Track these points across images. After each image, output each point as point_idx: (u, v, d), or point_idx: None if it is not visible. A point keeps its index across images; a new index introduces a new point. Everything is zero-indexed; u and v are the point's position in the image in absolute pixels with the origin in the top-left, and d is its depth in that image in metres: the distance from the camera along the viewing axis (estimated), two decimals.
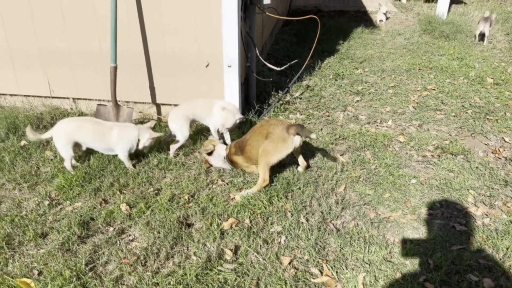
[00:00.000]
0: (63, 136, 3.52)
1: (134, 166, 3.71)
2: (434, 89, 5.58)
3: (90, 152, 3.79)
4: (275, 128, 3.35)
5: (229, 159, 3.61)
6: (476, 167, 3.79)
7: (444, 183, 3.57)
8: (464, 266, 2.69)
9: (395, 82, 5.84)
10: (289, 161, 3.67)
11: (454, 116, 4.84)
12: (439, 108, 5.04)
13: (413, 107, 5.08)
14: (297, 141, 3.38)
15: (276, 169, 3.55)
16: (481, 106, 5.06)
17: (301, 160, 3.65)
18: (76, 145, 3.62)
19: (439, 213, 3.23)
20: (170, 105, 4.49)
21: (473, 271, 2.67)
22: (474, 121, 4.70)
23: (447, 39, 7.87)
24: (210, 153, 3.62)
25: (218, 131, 3.95)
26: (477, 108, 5.01)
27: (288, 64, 4.91)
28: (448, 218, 3.18)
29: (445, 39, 7.86)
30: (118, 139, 3.57)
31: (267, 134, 3.37)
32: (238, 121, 3.83)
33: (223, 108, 3.75)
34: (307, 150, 3.99)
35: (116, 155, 3.68)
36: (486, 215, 3.19)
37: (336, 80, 5.86)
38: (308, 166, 3.72)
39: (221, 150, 3.63)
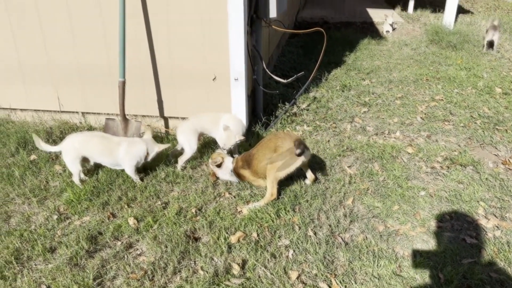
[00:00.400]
0: (71, 151, 3.56)
1: (141, 179, 3.73)
2: (442, 100, 5.55)
3: (98, 166, 3.82)
4: (284, 141, 3.34)
5: (235, 172, 3.61)
6: (486, 178, 3.75)
7: (454, 195, 3.53)
8: (475, 280, 2.65)
9: (403, 92, 5.82)
10: (296, 173, 3.65)
11: (462, 126, 4.80)
12: (447, 119, 5.00)
13: (421, 117, 5.05)
14: (306, 154, 3.37)
15: (283, 182, 3.54)
16: (490, 116, 5.02)
17: (309, 173, 3.63)
18: (84, 160, 3.65)
19: (449, 226, 3.18)
20: (178, 118, 4.52)
21: (484, 285, 2.62)
22: (483, 131, 4.66)
23: (455, 49, 7.85)
24: (218, 166, 3.62)
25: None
26: (486, 118, 4.97)
27: (295, 76, 4.93)
28: (458, 230, 3.13)
29: (452, 49, 7.84)
30: (126, 154, 3.59)
31: (275, 147, 3.36)
32: (238, 142, 3.84)
33: (225, 128, 3.76)
34: (314, 163, 3.98)
35: (124, 170, 3.70)
36: (497, 227, 3.14)
37: (343, 91, 5.86)
38: (316, 179, 3.70)
39: (228, 163, 3.63)
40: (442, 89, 5.89)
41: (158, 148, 3.71)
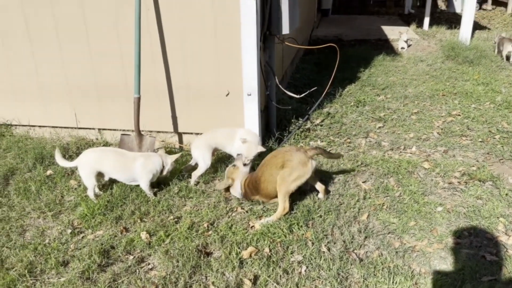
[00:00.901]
0: (87, 166, 3.61)
1: (155, 194, 3.74)
2: (459, 115, 5.46)
3: (113, 181, 3.85)
4: (293, 154, 3.33)
5: (245, 197, 3.59)
6: (506, 194, 3.64)
7: (472, 211, 3.43)
8: None
9: (418, 108, 5.76)
10: (309, 188, 3.61)
11: (481, 141, 4.70)
12: (464, 134, 4.91)
13: (438, 133, 4.97)
14: (314, 164, 3.36)
15: (296, 197, 3.50)
16: (509, 131, 4.90)
17: (319, 185, 3.58)
18: (100, 175, 3.69)
19: (468, 242, 3.09)
20: (192, 133, 4.56)
21: None
22: (502, 146, 4.55)
23: (471, 64, 7.76)
24: (227, 189, 3.63)
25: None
26: (505, 133, 4.86)
27: (308, 91, 4.93)
28: (478, 247, 3.03)
29: (469, 65, 7.76)
30: (142, 169, 3.62)
31: (283, 162, 3.34)
32: (259, 151, 3.84)
33: (244, 141, 3.76)
34: (328, 178, 3.93)
35: (138, 185, 3.72)
36: None
37: (357, 107, 5.83)
38: (327, 191, 3.65)
39: (238, 187, 3.60)
40: (459, 104, 5.81)
41: (171, 159, 3.75)
